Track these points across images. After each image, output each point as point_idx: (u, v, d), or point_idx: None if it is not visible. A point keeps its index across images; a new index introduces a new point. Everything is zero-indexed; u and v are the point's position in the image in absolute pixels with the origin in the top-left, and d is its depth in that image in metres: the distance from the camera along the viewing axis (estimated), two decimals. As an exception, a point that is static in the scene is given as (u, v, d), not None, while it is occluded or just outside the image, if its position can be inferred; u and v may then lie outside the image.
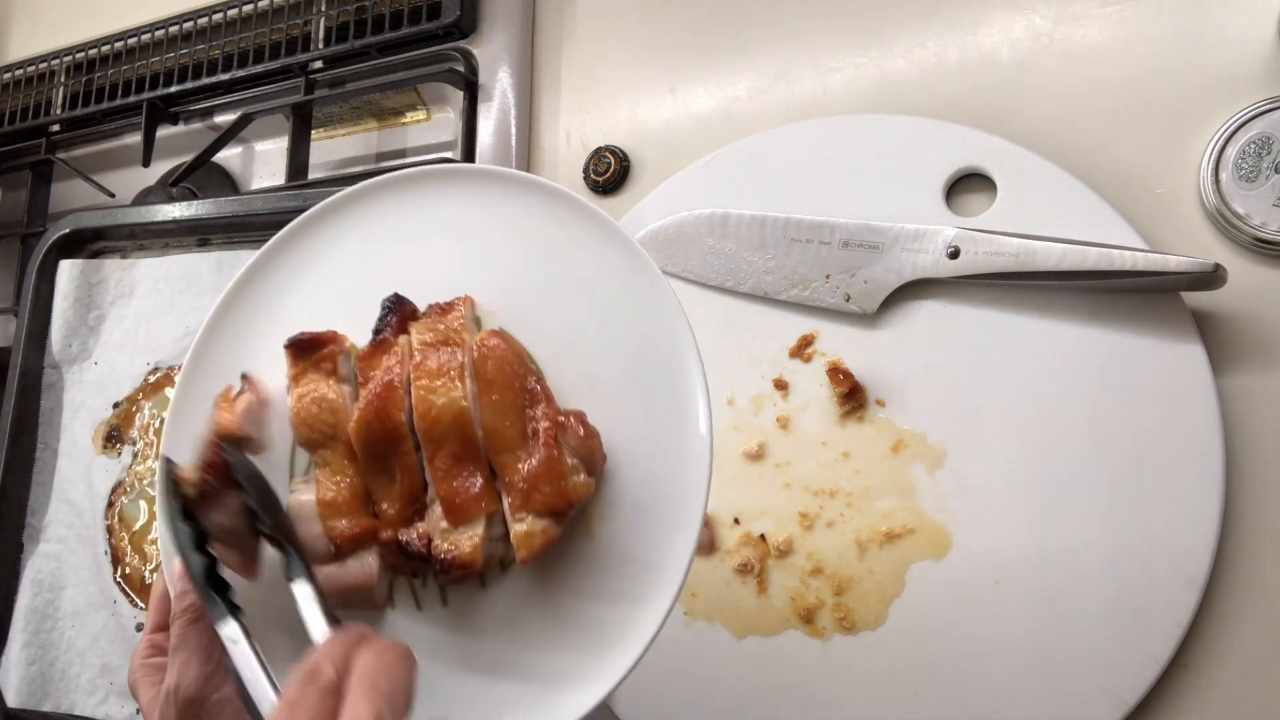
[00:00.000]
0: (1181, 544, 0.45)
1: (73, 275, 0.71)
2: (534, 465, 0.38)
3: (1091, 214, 0.50)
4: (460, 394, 0.38)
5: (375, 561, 0.41)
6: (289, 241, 0.47)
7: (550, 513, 0.38)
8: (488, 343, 0.40)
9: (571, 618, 0.40)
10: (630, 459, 0.40)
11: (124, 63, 0.83)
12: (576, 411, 0.40)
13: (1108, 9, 0.53)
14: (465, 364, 0.39)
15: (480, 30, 0.69)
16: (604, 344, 0.41)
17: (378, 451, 0.40)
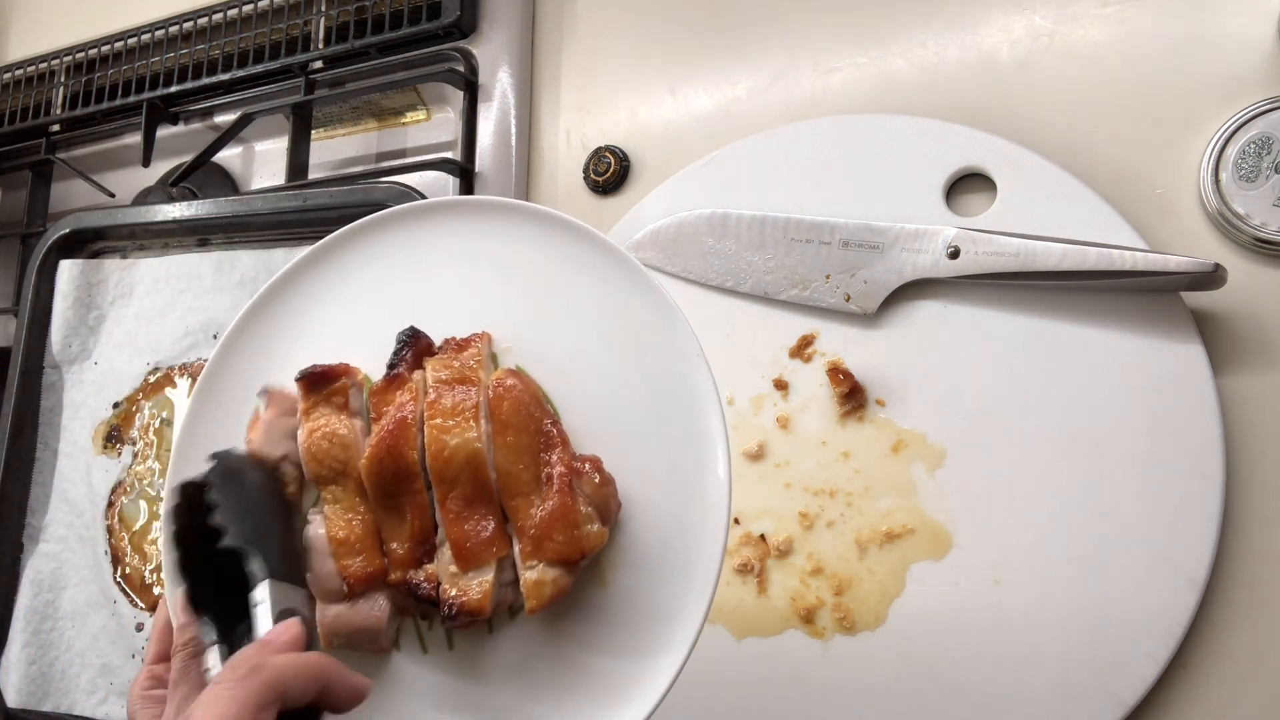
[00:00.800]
0: (1181, 544, 0.45)
1: (73, 275, 0.71)
2: (547, 512, 0.37)
3: (1091, 214, 0.49)
4: (475, 435, 0.38)
5: (386, 604, 0.40)
6: (304, 269, 0.46)
7: (562, 562, 0.37)
8: (504, 382, 0.39)
9: (581, 669, 0.39)
10: (646, 506, 0.39)
11: (124, 63, 0.83)
12: (592, 457, 0.39)
13: (1108, 9, 0.53)
14: (481, 403, 0.38)
15: (480, 30, 0.69)
16: (622, 387, 0.40)
17: (389, 489, 0.39)
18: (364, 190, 0.62)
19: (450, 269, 0.44)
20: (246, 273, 0.66)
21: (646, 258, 0.60)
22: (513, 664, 0.40)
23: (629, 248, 0.61)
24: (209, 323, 0.67)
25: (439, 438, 0.38)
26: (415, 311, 0.43)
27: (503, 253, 0.43)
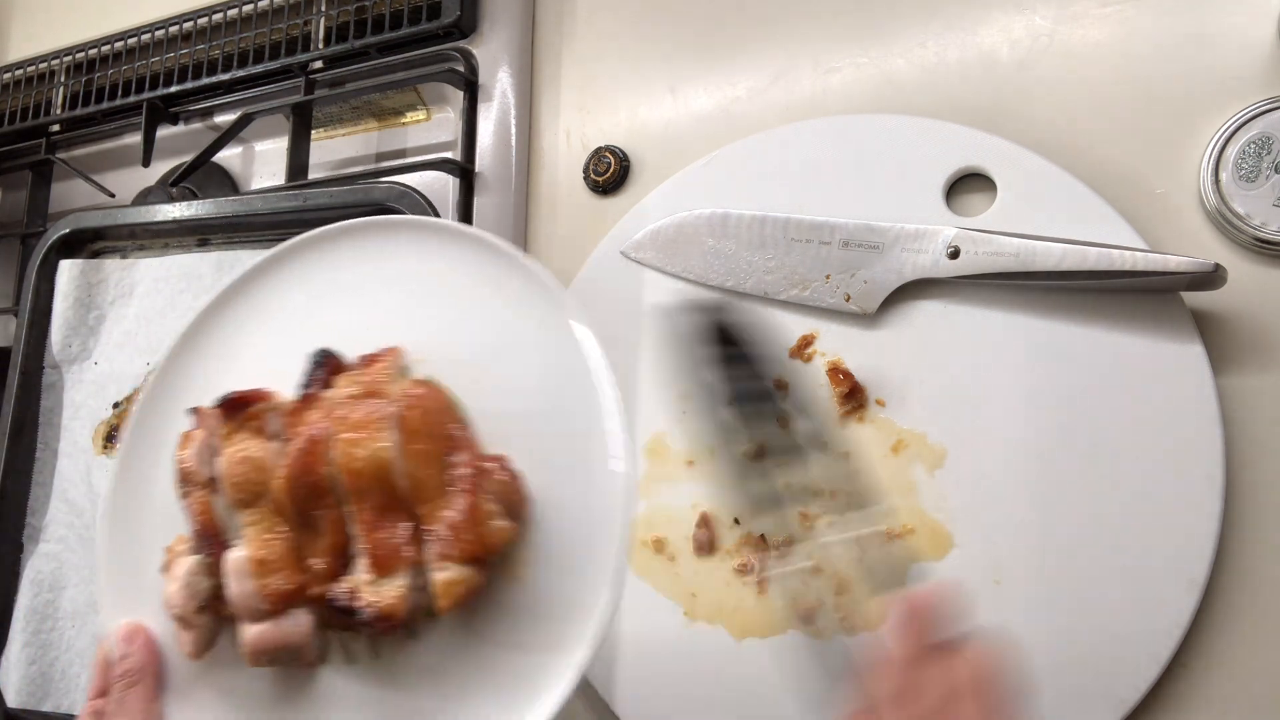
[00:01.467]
0: (1181, 544, 0.45)
1: (73, 275, 0.71)
2: (455, 513, 0.38)
3: (1091, 214, 0.49)
4: (383, 445, 0.38)
5: (308, 619, 0.41)
6: (234, 296, 0.48)
7: (471, 560, 0.38)
8: (412, 392, 0.40)
9: (496, 667, 0.40)
10: (556, 503, 0.40)
11: (124, 63, 0.83)
12: (498, 456, 0.40)
13: (1108, 9, 0.53)
14: (389, 415, 0.39)
15: (480, 30, 0.69)
16: (530, 391, 0.42)
17: (305, 507, 0.40)
18: (364, 190, 0.62)
19: (370, 289, 0.46)
20: (247, 273, 0.66)
21: (646, 258, 0.60)
22: (434, 667, 0.41)
23: (629, 247, 0.61)
24: (209, 323, 0.67)
25: (349, 450, 0.39)
26: (337, 332, 0.44)
27: (420, 270, 0.45)
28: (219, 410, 0.43)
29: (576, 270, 0.63)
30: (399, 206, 0.60)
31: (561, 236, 0.66)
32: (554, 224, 0.66)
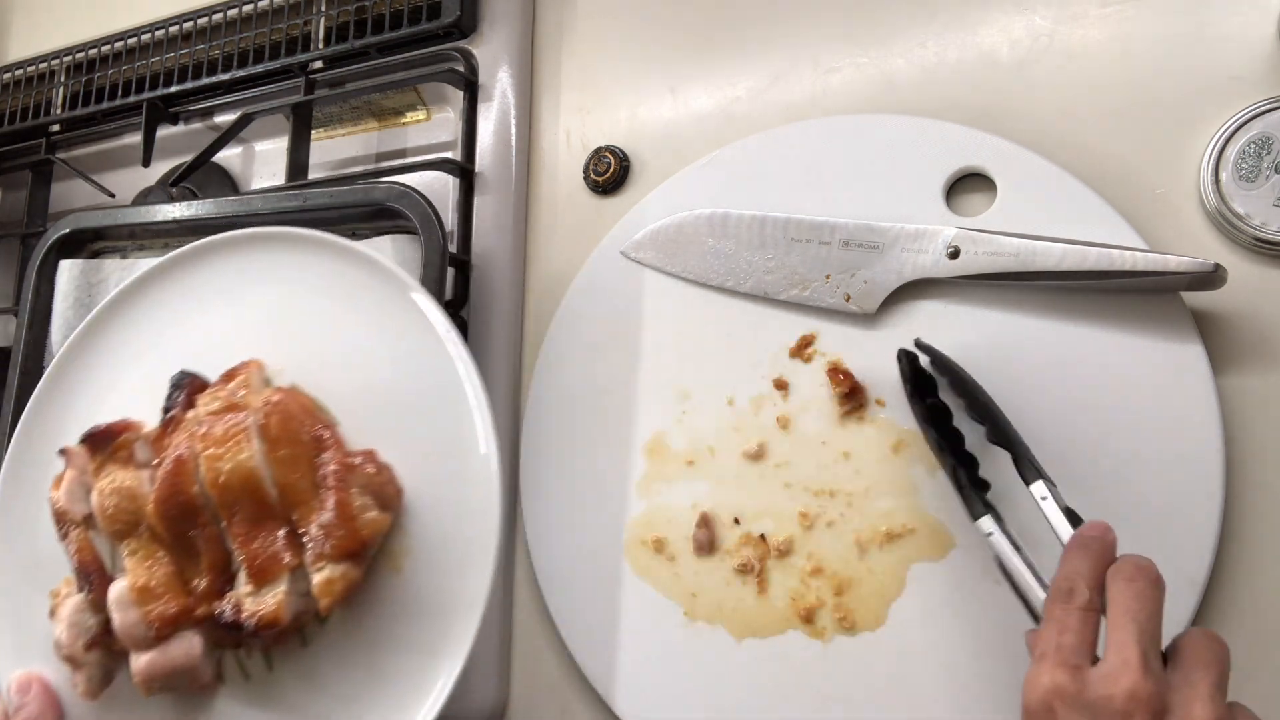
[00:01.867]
0: (1181, 544, 0.45)
1: (73, 275, 0.71)
2: (326, 512, 0.39)
3: (1091, 214, 0.50)
4: (246, 455, 0.39)
5: (198, 641, 0.41)
6: (102, 322, 0.48)
7: (346, 556, 0.39)
8: (271, 400, 0.40)
9: (382, 670, 0.40)
10: (429, 490, 0.41)
11: (124, 63, 0.83)
12: (366, 450, 0.41)
13: (1108, 9, 0.53)
14: (251, 425, 0.40)
15: (480, 30, 0.69)
16: (392, 383, 0.42)
17: (180, 529, 0.40)
18: (364, 190, 0.62)
19: (231, 305, 0.46)
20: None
21: (646, 258, 0.60)
22: (326, 674, 0.41)
23: (629, 247, 0.61)
24: (209, 323, 0.67)
25: (213, 465, 0.39)
26: (202, 352, 0.45)
27: (278, 280, 0.46)
28: (85, 446, 0.43)
29: (576, 270, 0.63)
30: (399, 207, 0.60)
31: (561, 236, 0.66)
32: (554, 224, 0.66)
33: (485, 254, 0.65)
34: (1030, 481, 0.43)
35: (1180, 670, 0.34)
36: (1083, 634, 0.35)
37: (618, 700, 0.56)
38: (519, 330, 0.65)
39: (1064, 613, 0.36)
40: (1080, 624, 0.35)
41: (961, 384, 0.47)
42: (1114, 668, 0.33)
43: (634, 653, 0.56)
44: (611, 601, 0.57)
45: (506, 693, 0.61)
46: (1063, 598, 0.36)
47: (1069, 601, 0.36)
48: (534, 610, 0.61)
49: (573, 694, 0.59)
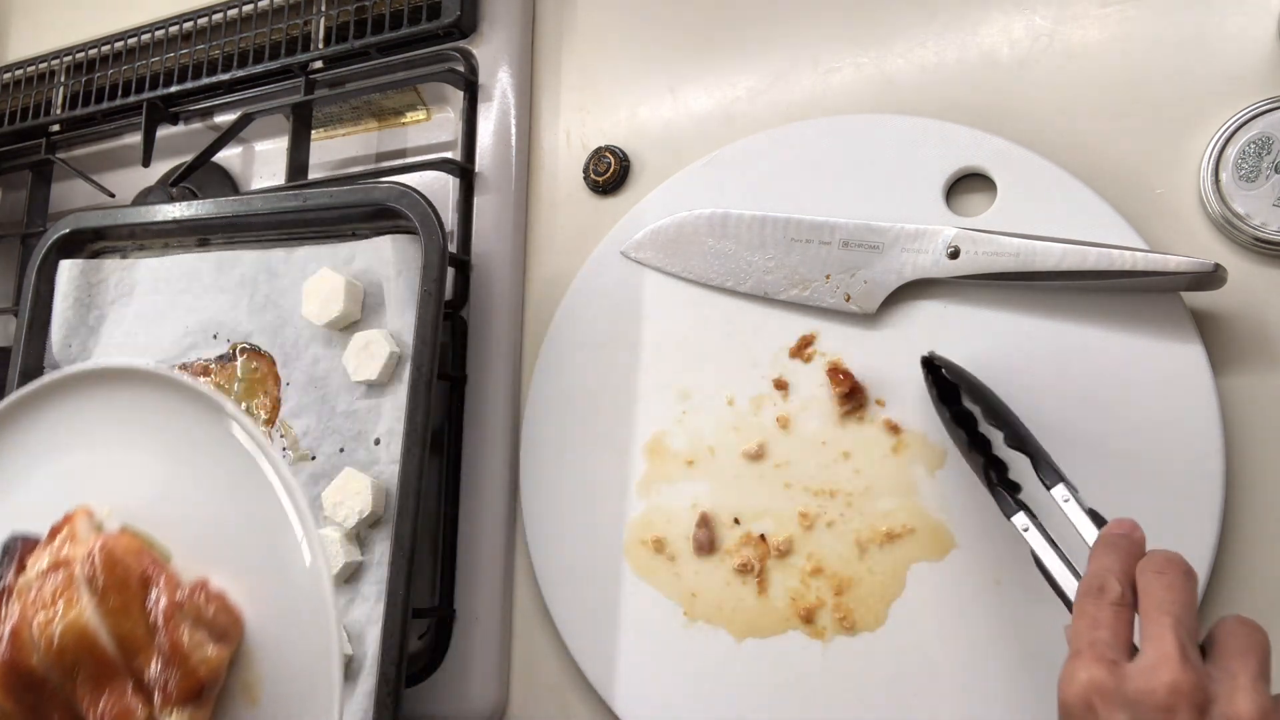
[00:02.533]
0: (1181, 544, 0.45)
1: (73, 275, 0.71)
2: (162, 655, 0.37)
3: (1091, 214, 0.50)
4: (76, 612, 0.37)
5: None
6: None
7: (189, 698, 0.37)
8: (94, 548, 0.39)
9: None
10: (270, 615, 0.40)
11: (124, 63, 0.83)
12: (197, 582, 0.40)
13: (1108, 9, 0.53)
14: (78, 578, 0.38)
15: (480, 30, 0.69)
16: (220, 516, 0.41)
17: (29, 702, 0.38)
18: (364, 190, 0.62)
19: (59, 452, 0.45)
20: (247, 273, 0.66)
21: (646, 258, 0.60)
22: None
23: (629, 247, 0.61)
24: (209, 323, 0.67)
25: (46, 630, 0.37)
26: (30, 508, 0.43)
27: (109, 420, 0.44)
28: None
29: (576, 270, 0.63)
30: (399, 207, 0.60)
31: (561, 236, 0.66)
32: (554, 224, 0.66)
33: (485, 254, 0.65)
34: (1051, 485, 0.43)
35: (1219, 660, 0.33)
36: (1116, 629, 0.35)
37: (618, 700, 0.56)
38: (519, 330, 0.65)
39: (1096, 608, 0.35)
40: (1114, 619, 0.35)
41: (976, 391, 0.47)
42: (1153, 661, 0.32)
43: (634, 653, 0.56)
44: (611, 601, 0.57)
45: (506, 693, 0.61)
46: (1094, 594, 0.36)
47: (1100, 597, 0.35)
48: (534, 610, 0.61)
49: (573, 694, 0.59)
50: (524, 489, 0.61)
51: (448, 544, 0.62)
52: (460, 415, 0.64)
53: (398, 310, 0.61)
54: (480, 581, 0.61)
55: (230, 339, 0.66)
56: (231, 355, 0.65)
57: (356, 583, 0.58)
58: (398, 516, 0.55)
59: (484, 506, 0.62)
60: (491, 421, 0.63)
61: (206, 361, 0.66)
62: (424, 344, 0.57)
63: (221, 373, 0.65)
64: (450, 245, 0.64)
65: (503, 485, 0.62)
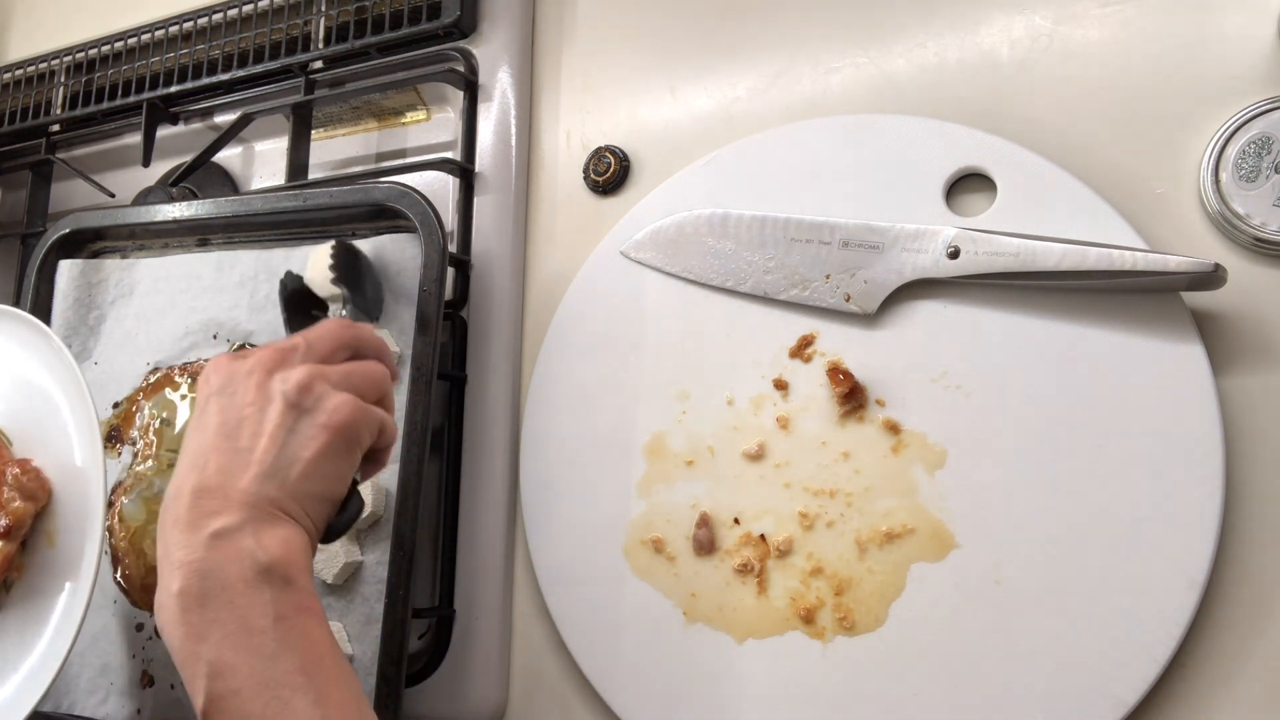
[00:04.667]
0: (1181, 544, 0.45)
1: (72, 276, 0.71)
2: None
3: (1091, 214, 0.50)
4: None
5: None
6: None
7: (3, 535, 0.54)
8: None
9: (41, 615, 0.55)
10: (70, 486, 0.57)
11: (124, 63, 0.83)
12: (22, 460, 0.57)
13: (1108, 9, 0.53)
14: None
15: (480, 30, 0.69)
16: (47, 416, 0.58)
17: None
18: (364, 190, 0.62)
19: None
20: (246, 272, 0.66)
21: (646, 258, 0.60)
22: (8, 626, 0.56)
23: (629, 247, 0.61)
24: (209, 322, 0.67)
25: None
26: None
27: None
28: None
29: (576, 270, 0.63)
30: (399, 207, 0.60)
31: (561, 236, 0.66)
32: (554, 224, 0.66)
33: (485, 254, 0.65)
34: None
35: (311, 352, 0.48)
36: (279, 351, 0.47)
37: (618, 700, 0.56)
38: (519, 330, 0.65)
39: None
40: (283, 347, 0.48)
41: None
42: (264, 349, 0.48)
43: (634, 653, 0.56)
44: (611, 602, 0.57)
45: (506, 693, 0.61)
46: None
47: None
48: (534, 610, 0.61)
49: (573, 694, 0.59)
50: (524, 489, 0.61)
51: (448, 544, 0.62)
52: (460, 415, 0.64)
53: (397, 309, 0.61)
54: (480, 581, 0.61)
55: (230, 338, 0.66)
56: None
57: (356, 582, 0.58)
58: (397, 516, 0.55)
59: (484, 506, 0.62)
60: (491, 421, 0.63)
61: (207, 361, 0.66)
62: (424, 344, 0.57)
63: (221, 373, 0.65)
64: (450, 245, 0.64)
65: (503, 485, 0.62)
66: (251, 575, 0.40)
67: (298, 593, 0.41)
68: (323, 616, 0.42)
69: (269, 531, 0.42)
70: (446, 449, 0.63)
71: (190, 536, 0.41)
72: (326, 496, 0.45)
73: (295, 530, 0.43)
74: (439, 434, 0.63)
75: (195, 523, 0.42)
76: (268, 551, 0.41)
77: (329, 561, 0.57)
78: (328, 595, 0.58)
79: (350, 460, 0.46)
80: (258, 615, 0.40)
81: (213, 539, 0.41)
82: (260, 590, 0.40)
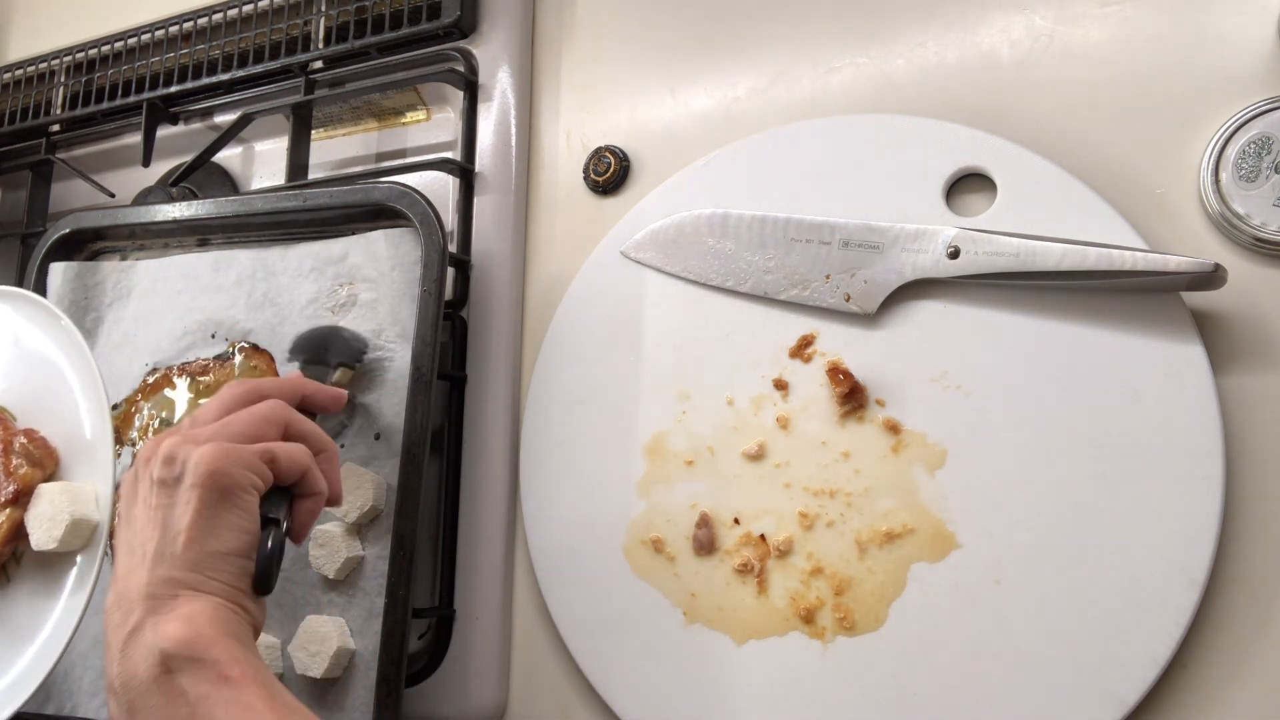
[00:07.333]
0: (1181, 544, 0.45)
1: (68, 278, 0.71)
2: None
3: (1091, 214, 0.50)
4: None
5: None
6: None
7: (8, 503, 0.54)
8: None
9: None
10: (79, 454, 0.57)
11: (124, 63, 0.83)
12: (29, 429, 0.57)
13: (1108, 9, 0.53)
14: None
15: (480, 30, 0.69)
16: (51, 387, 0.58)
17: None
18: (364, 190, 0.62)
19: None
20: (243, 271, 0.66)
21: (646, 258, 0.60)
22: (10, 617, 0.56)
23: (629, 247, 0.61)
24: (207, 322, 0.67)
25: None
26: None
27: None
28: None
29: (576, 270, 0.63)
30: (399, 207, 0.60)
31: (561, 236, 0.66)
32: (554, 224, 0.66)
33: (485, 254, 0.65)
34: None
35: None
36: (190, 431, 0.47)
37: (618, 701, 0.56)
38: (519, 330, 0.65)
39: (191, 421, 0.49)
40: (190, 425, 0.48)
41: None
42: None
43: (634, 653, 0.56)
44: (611, 602, 0.57)
45: (506, 693, 0.61)
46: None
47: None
48: (534, 610, 0.61)
49: (573, 694, 0.59)
50: (524, 489, 0.61)
51: (448, 544, 0.62)
52: (460, 415, 0.64)
53: (393, 305, 0.61)
54: (480, 581, 0.61)
55: (228, 337, 0.66)
56: (230, 354, 0.65)
57: (357, 578, 0.58)
58: (398, 516, 0.55)
59: (484, 506, 0.62)
60: (491, 421, 0.63)
61: (205, 361, 0.66)
62: (424, 344, 0.57)
63: (220, 371, 0.65)
64: (450, 245, 0.64)
65: (503, 485, 0.62)
66: (158, 670, 0.39)
67: (212, 665, 0.39)
68: (251, 677, 0.40)
69: (167, 616, 0.40)
70: (446, 449, 0.63)
71: (111, 654, 0.41)
72: (225, 552, 0.43)
73: (200, 602, 0.41)
74: (439, 434, 0.63)
75: (111, 640, 0.41)
76: (168, 638, 0.40)
77: (330, 557, 0.57)
78: (329, 591, 0.58)
79: (236, 506, 0.43)
80: (178, 706, 0.39)
81: (123, 649, 0.40)
82: (172, 680, 0.39)
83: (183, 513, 0.43)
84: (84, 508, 0.54)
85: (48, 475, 0.56)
